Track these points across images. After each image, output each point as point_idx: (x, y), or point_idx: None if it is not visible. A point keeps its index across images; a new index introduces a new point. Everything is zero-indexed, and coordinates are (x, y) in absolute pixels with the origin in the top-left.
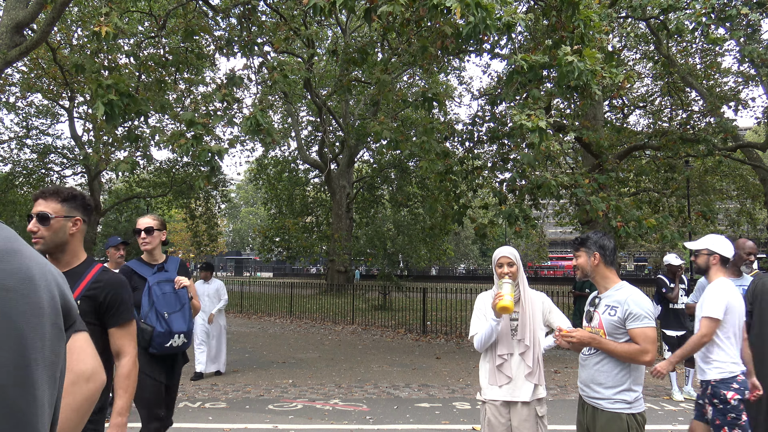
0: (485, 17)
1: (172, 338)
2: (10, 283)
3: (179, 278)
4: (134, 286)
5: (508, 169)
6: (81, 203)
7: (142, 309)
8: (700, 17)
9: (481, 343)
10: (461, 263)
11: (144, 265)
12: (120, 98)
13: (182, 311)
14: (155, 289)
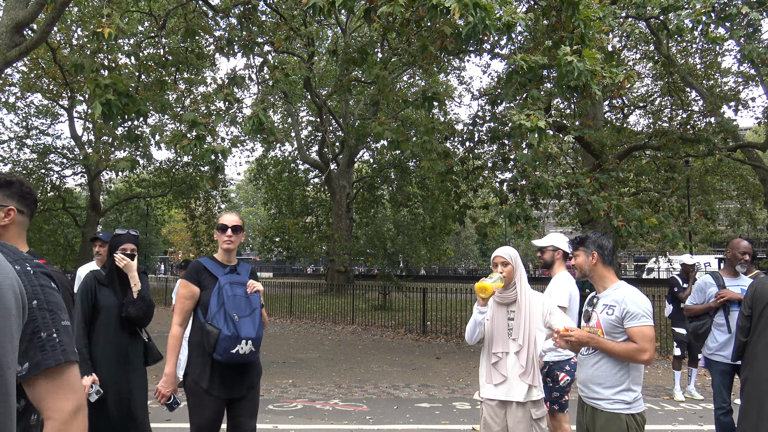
0: (484, 17)
1: (239, 344)
2: None
3: (252, 282)
4: (203, 284)
5: (509, 169)
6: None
7: (210, 309)
8: (700, 16)
9: (468, 334)
10: (461, 263)
11: (217, 264)
12: (118, 98)
13: (252, 316)
14: (227, 289)
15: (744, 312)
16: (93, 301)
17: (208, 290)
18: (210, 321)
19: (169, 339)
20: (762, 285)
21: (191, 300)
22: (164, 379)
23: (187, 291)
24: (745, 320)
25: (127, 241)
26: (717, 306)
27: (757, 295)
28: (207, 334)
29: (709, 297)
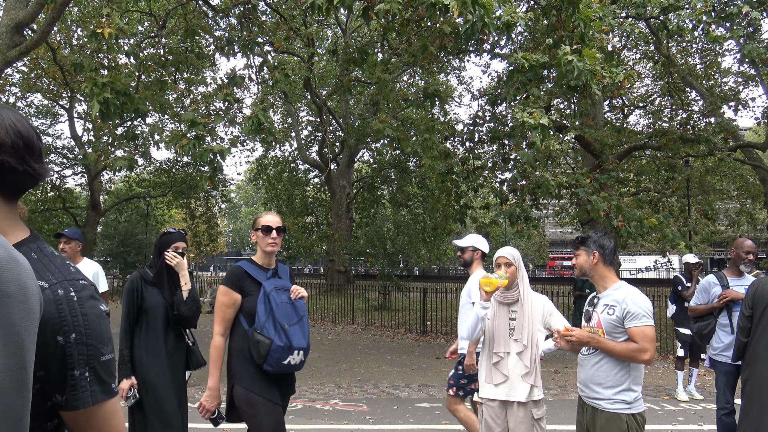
0: (483, 15)
1: (291, 354)
2: (11, 290)
3: (297, 288)
4: (245, 290)
5: (509, 169)
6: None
7: (258, 318)
8: (701, 15)
9: (469, 331)
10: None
11: (258, 269)
12: (116, 97)
13: (301, 324)
14: (274, 296)
15: (745, 312)
16: (139, 300)
17: (252, 296)
18: (260, 330)
19: (211, 350)
20: (762, 285)
21: (233, 308)
22: (208, 392)
23: (228, 299)
24: (746, 320)
25: (178, 239)
26: (721, 306)
27: (758, 295)
28: (257, 344)
29: (713, 297)
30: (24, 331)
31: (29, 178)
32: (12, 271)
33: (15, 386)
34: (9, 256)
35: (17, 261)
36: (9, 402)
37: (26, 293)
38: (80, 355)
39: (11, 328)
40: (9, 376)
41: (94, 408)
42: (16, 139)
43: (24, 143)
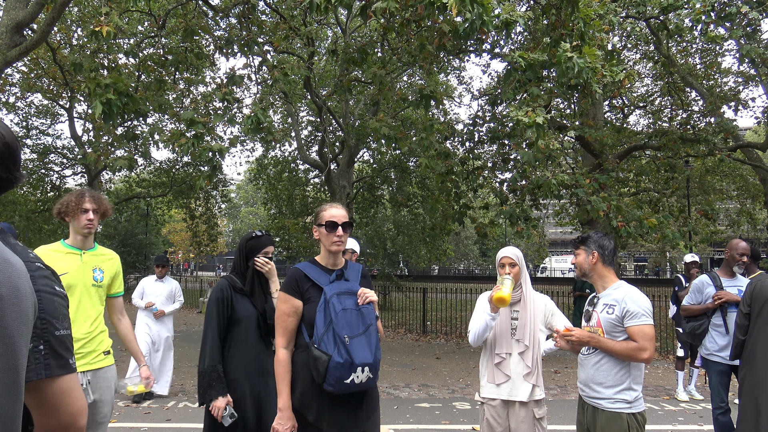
0: (482, 13)
1: (353, 372)
2: (3, 292)
3: (364, 291)
4: (306, 296)
5: (509, 169)
6: None
7: (316, 329)
8: (700, 15)
9: (475, 337)
10: (461, 263)
11: (320, 270)
12: (118, 97)
13: (367, 335)
14: (334, 304)
15: (743, 310)
16: (230, 311)
17: (313, 304)
18: (317, 344)
19: (275, 366)
20: (761, 283)
21: (294, 317)
22: (279, 414)
23: (288, 306)
24: (744, 318)
25: (267, 243)
26: (714, 307)
27: (756, 293)
28: (315, 360)
29: (707, 297)
30: (16, 334)
31: (8, 183)
32: (4, 272)
33: (6, 389)
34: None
35: (9, 262)
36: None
37: (19, 295)
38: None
39: (3, 330)
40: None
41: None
42: (3, 149)
43: (9, 153)
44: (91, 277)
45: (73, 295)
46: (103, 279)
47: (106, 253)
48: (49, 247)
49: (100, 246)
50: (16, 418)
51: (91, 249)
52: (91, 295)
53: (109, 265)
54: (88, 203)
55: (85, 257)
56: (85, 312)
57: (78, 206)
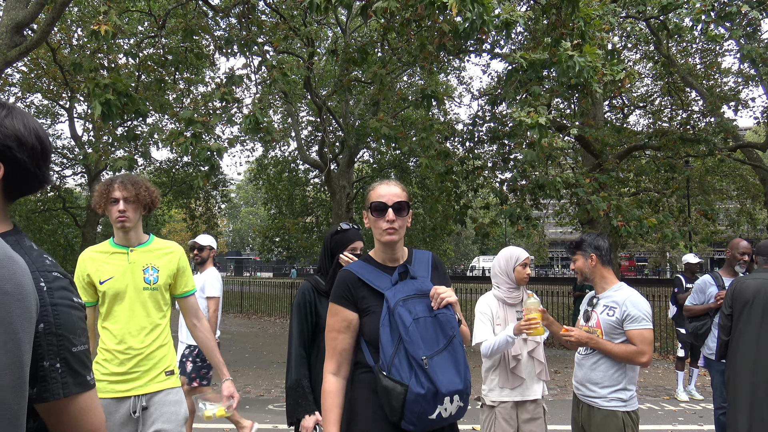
0: (482, 13)
1: (439, 403)
2: (8, 288)
3: (437, 289)
4: (363, 306)
5: (509, 169)
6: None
7: (383, 351)
8: (700, 15)
9: (490, 352)
10: (461, 263)
11: (378, 270)
12: (117, 98)
13: (451, 350)
14: (402, 314)
15: (725, 311)
16: (314, 317)
17: (373, 315)
18: (387, 371)
19: (323, 396)
20: (740, 284)
21: (347, 333)
22: None
23: (338, 320)
24: (726, 319)
25: (356, 238)
26: (716, 307)
27: (736, 294)
28: (387, 393)
29: (709, 297)
30: (21, 330)
31: (35, 182)
32: (8, 269)
33: (12, 385)
34: (5, 254)
35: (13, 260)
36: (7, 401)
37: (23, 292)
38: (49, 345)
39: (10, 326)
40: (7, 374)
41: (67, 400)
42: (35, 142)
43: (41, 148)
44: (142, 279)
45: (122, 302)
46: (157, 279)
47: (162, 247)
48: (95, 248)
49: (157, 238)
50: (21, 414)
51: (142, 244)
52: (144, 301)
53: (167, 261)
54: (117, 191)
55: (133, 256)
56: (138, 323)
57: (106, 196)
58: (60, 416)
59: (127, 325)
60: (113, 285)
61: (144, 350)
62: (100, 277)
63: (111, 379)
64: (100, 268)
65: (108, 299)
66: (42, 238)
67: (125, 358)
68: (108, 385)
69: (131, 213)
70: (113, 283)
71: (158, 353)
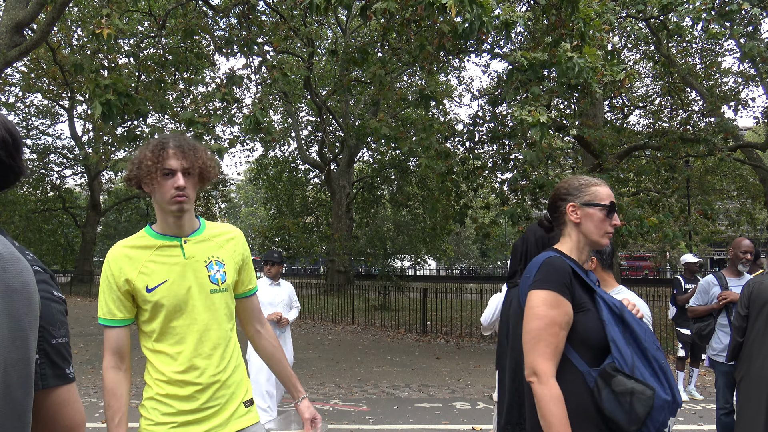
0: (481, 14)
1: (672, 416)
2: (17, 286)
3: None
4: (580, 302)
5: (509, 169)
6: None
7: (620, 351)
8: (700, 13)
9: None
10: (460, 263)
11: (578, 267)
12: (118, 98)
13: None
14: (629, 315)
15: (740, 312)
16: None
17: (589, 313)
18: (629, 371)
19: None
20: (759, 284)
21: (566, 331)
22: None
23: (561, 314)
24: (742, 320)
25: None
26: (720, 307)
27: (754, 294)
28: (629, 397)
29: (712, 297)
30: (28, 327)
31: (12, 174)
32: (16, 267)
33: (21, 382)
34: (11, 253)
35: (19, 258)
36: (17, 397)
37: (29, 290)
38: None
39: (19, 323)
40: (17, 371)
41: (45, 393)
42: (6, 134)
43: (13, 140)
44: (207, 278)
45: (184, 314)
46: (225, 277)
47: (221, 232)
48: (129, 243)
49: (209, 222)
50: (29, 410)
51: (196, 232)
52: (214, 307)
53: (230, 250)
54: (173, 159)
55: (190, 248)
56: (210, 339)
57: (156, 166)
58: (38, 409)
59: (197, 345)
60: (169, 291)
61: (220, 376)
62: (147, 282)
63: (179, 421)
64: (144, 269)
65: (163, 312)
66: (42, 238)
67: (196, 390)
68: (175, 429)
69: (191, 191)
70: (169, 289)
71: (234, 378)
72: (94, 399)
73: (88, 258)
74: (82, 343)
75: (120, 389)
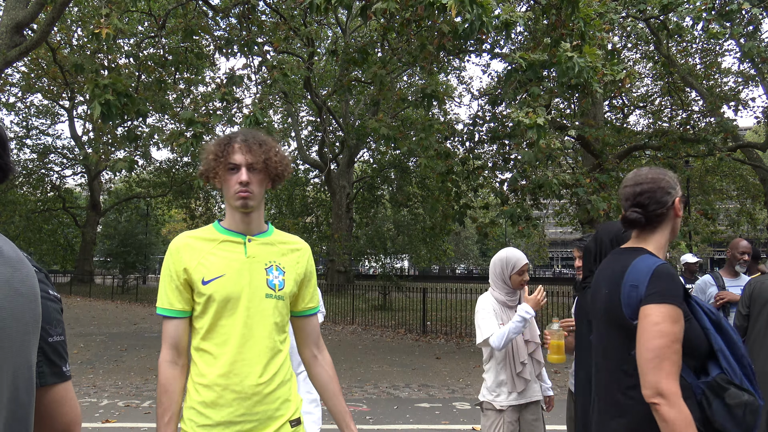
0: (481, 14)
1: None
2: (24, 290)
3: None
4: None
5: (509, 169)
6: None
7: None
8: (701, 13)
9: (504, 340)
10: (461, 263)
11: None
12: (117, 98)
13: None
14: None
15: (741, 311)
16: None
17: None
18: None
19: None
20: (760, 284)
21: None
22: None
23: (680, 329)
24: (743, 319)
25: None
26: (717, 307)
27: (755, 294)
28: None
29: (709, 297)
30: (32, 331)
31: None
32: (22, 271)
33: (25, 385)
34: (18, 257)
35: (25, 262)
36: (22, 400)
37: (35, 294)
38: None
39: (24, 326)
40: (21, 374)
41: (42, 391)
42: None
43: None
44: (264, 281)
45: (234, 313)
46: (283, 285)
47: (288, 241)
48: (195, 234)
49: (278, 230)
50: (32, 413)
51: (262, 234)
52: (266, 313)
53: (293, 260)
54: (239, 153)
55: (253, 248)
56: (256, 345)
57: (222, 160)
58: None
59: (241, 349)
60: (223, 286)
61: (261, 388)
62: (204, 274)
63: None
64: (204, 261)
65: (214, 307)
66: (42, 238)
67: (235, 398)
68: None
69: (256, 186)
70: (224, 284)
71: (281, 393)
72: (94, 399)
73: (88, 258)
74: (82, 343)
75: (174, 386)
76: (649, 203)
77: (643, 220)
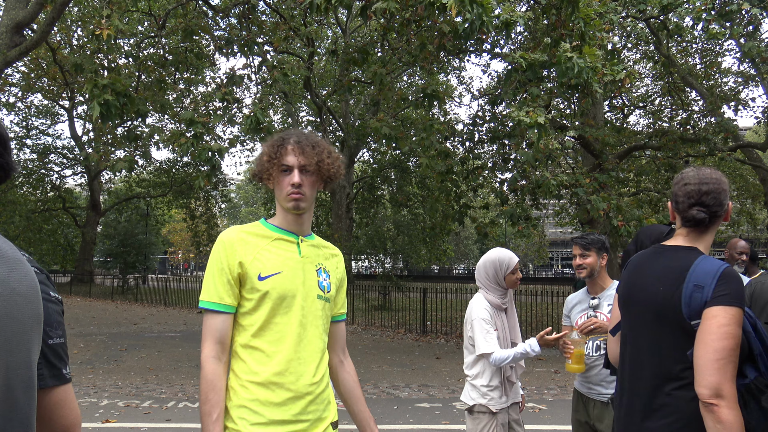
0: (481, 14)
1: None
2: (22, 289)
3: None
4: None
5: (509, 169)
6: None
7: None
8: (701, 13)
9: (504, 363)
10: (461, 263)
11: None
12: (116, 98)
13: None
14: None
15: None
16: None
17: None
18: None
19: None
20: (761, 284)
21: None
22: None
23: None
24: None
25: None
26: None
27: (755, 294)
28: None
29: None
30: (31, 331)
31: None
32: (20, 271)
33: (23, 385)
34: (16, 257)
35: (23, 262)
36: (19, 401)
37: (34, 293)
38: None
39: (22, 326)
40: (18, 374)
41: (42, 393)
42: None
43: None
44: (316, 282)
45: (290, 311)
46: (330, 287)
47: (327, 245)
48: (247, 229)
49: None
50: (32, 414)
51: (309, 236)
52: (318, 313)
53: (333, 264)
54: (292, 155)
55: (305, 248)
56: (312, 345)
57: (275, 161)
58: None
59: (297, 347)
60: (281, 283)
61: (314, 388)
62: (261, 269)
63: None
64: (259, 256)
65: (269, 304)
66: (42, 238)
67: (289, 398)
68: None
69: (308, 189)
70: (281, 281)
71: (327, 395)
72: (94, 399)
73: (88, 258)
74: (82, 343)
75: (221, 382)
76: (713, 204)
77: (708, 219)
